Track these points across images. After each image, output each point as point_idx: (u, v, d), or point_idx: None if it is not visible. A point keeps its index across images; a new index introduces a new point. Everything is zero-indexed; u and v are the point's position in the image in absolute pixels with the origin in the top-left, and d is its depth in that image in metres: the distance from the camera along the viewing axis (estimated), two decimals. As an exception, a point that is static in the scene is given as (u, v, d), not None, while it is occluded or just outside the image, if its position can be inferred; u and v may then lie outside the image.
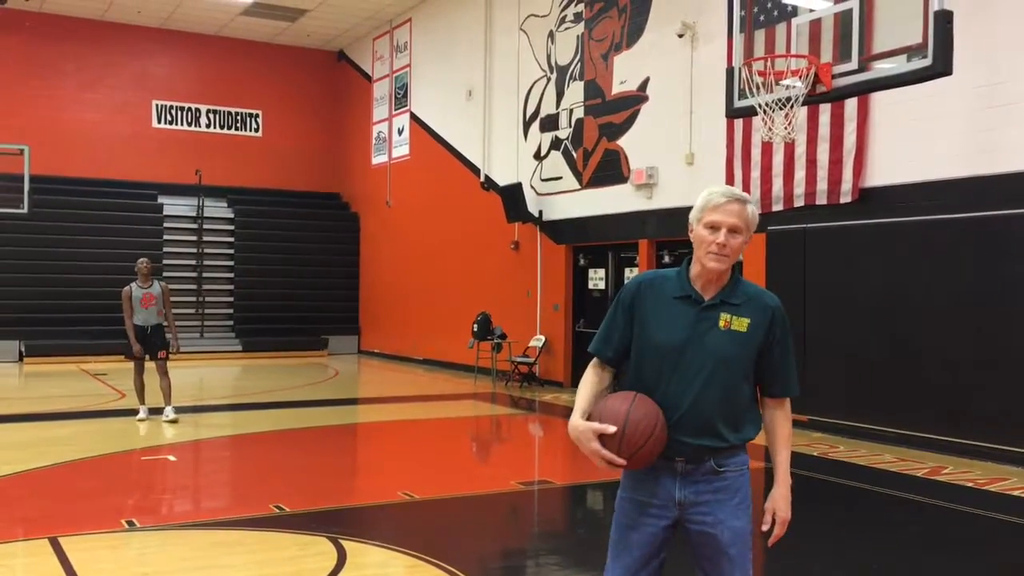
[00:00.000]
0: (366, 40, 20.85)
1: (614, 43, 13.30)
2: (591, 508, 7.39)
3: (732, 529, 2.75)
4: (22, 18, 18.65)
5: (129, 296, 10.12)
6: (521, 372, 14.51)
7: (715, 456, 2.77)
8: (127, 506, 6.64)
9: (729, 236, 2.71)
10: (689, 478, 2.77)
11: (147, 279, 10.29)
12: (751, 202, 2.78)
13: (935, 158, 9.00)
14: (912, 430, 9.02)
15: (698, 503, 2.77)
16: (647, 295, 2.83)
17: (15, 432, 10.00)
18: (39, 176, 17.01)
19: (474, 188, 16.44)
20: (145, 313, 10.14)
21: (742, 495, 2.80)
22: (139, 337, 10.14)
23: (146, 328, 10.17)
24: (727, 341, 2.73)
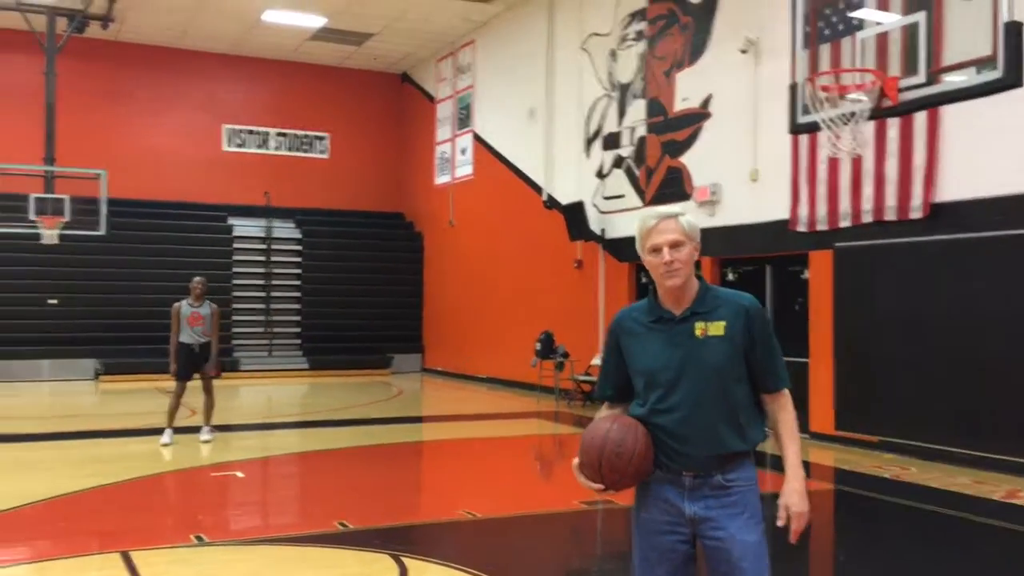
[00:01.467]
0: (430, 62, 21.12)
1: (676, 60, 13.26)
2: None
3: (744, 543, 2.77)
4: (100, 46, 19.33)
5: (178, 313, 10.05)
6: (584, 391, 14.46)
7: (722, 469, 2.80)
8: (196, 521, 6.77)
9: (673, 252, 2.84)
10: (697, 493, 2.81)
11: (199, 299, 10.23)
12: (683, 214, 2.92)
13: (1008, 172, 8.75)
14: (987, 451, 8.74)
15: (708, 518, 2.80)
16: (625, 328, 2.97)
17: (91, 448, 10.29)
18: (115, 199, 17.55)
19: (536, 207, 16.49)
20: (192, 332, 10.07)
21: (752, 510, 2.82)
22: (186, 355, 10.03)
23: (193, 347, 10.07)
24: (708, 348, 2.81)
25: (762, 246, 11.72)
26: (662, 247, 2.84)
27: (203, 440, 10.17)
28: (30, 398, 15.64)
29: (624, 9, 14.37)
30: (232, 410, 14.38)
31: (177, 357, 10.00)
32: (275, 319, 20.60)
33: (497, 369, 17.80)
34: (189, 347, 10.05)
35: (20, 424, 12.62)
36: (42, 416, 13.67)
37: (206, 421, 10.36)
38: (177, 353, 10.00)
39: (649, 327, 2.90)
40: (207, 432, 10.30)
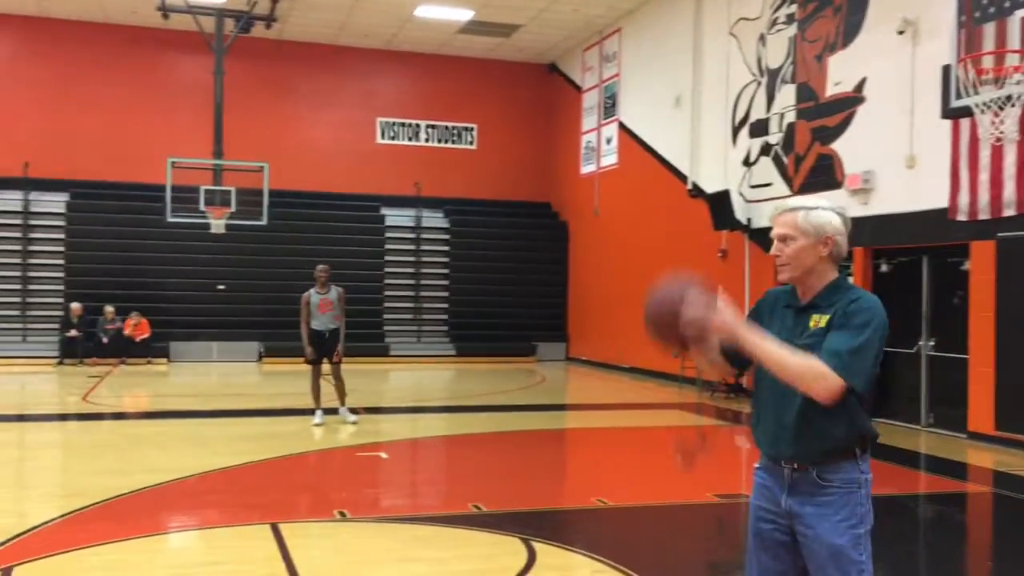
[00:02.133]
0: (576, 51, 21.15)
1: (828, 43, 12.79)
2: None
3: (831, 547, 2.72)
4: (264, 45, 20.37)
5: (307, 302, 10.49)
6: (727, 383, 14.21)
7: (818, 466, 2.76)
8: (340, 498, 7.12)
9: (780, 246, 2.85)
10: (796, 488, 2.80)
11: (324, 285, 10.63)
12: (805, 207, 2.84)
13: None
14: None
15: (802, 514, 2.78)
16: (766, 303, 3.04)
17: (249, 426, 10.96)
18: (276, 191, 18.49)
19: (681, 196, 16.28)
20: (322, 318, 10.47)
21: (847, 513, 2.74)
22: (316, 341, 10.46)
23: (324, 332, 10.48)
24: (810, 340, 2.76)
25: (919, 236, 11.18)
26: (774, 240, 2.87)
27: (350, 422, 10.61)
28: (200, 378, 16.74)
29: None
30: (381, 393, 14.95)
31: (310, 343, 10.42)
32: (424, 306, 21.20)
33: (641, 359, 17.71)
34: (320, 333, 10.50)
35: (190, 402, 13.56)
36: (209, 394, 14.61)
37: (341, 403, 10.74)
38: (309, 339, 10.42)
39: (782, 310, 2.94)
40: (350, 415, 10.71)
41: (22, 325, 18.75)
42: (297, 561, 5.29)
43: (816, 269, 2.83)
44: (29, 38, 19.79)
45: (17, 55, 19.85)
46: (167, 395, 14.68)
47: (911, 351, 11.38)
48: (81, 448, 9.70)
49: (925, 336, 11.25)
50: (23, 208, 19.17)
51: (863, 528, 2.76)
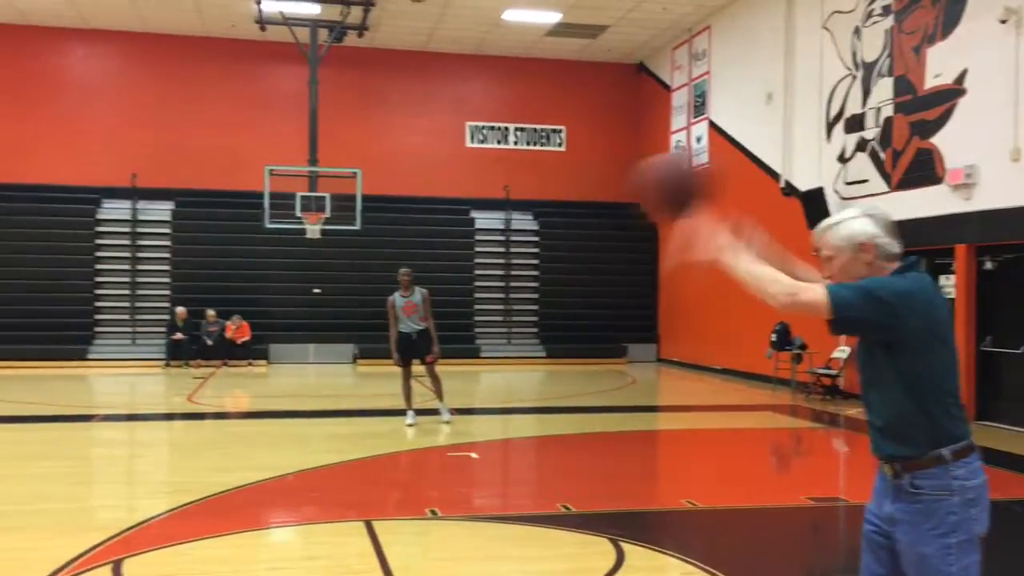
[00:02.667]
0: (665, 50, 20.99)
1: (927, 35, 12.40)
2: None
3: (919, 555, 2.68)
4: (356, 53, 20.82)
5: (392, 305, 10.65)
6: (823, 384, 13.90)
7: (910, 472, 2.72)
8: (432, 497, 7.25)
9: (828, 265, 2.92)
10: (896, 493, 2.78)
11: (408, 288, 10.74)
12: (831, 223, 2.91)
13: None
14: None
15: (898, 520, 2.76)
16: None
17: (344, 425, 11.24)
18: (368, 196, 18.88)
19: (774, 194, 16.00)
20: (408, 320, 10.62)
21: (935, 522, 2.66)
22: (405, 343, 10.61)
23: (411, 334, 10.61)
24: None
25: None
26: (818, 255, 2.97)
27: (445, 421, 10.76)
28: (297, 379, 17.22)
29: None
30: (472, 395, 15.12)
31: (397, 346, 10.62)
32: (514, 308, 21.33)
33: (733, 360, 17.47)
34: (407, 335, 10.65)
35: (288, 402, 13.96)
36: (306, 395, 15.02)
37: (441, 400, 10.91)
38: (397, 343, 10.62)
39: None
40: (446, 413, 10.88)
41: (131, 329, 19.61)
42: (390, 558, 5.42)
43: (869, 274, 2.84)
44: (133, 53, 20.69)
45: (123, 70, 20.78)
46: (267, 395, 15.15)
47: (1019, 352, 10.94)
48: (186, 446, 10.10)
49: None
50: (131, 217, 20.05)
51: (955, 538, 2.67)
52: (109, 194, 20.31)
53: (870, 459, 2.95)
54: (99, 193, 20.29)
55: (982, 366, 11.52)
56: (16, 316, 18.79)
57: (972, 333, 11.57)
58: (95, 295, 19.74)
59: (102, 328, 19.56)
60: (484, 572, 5.34)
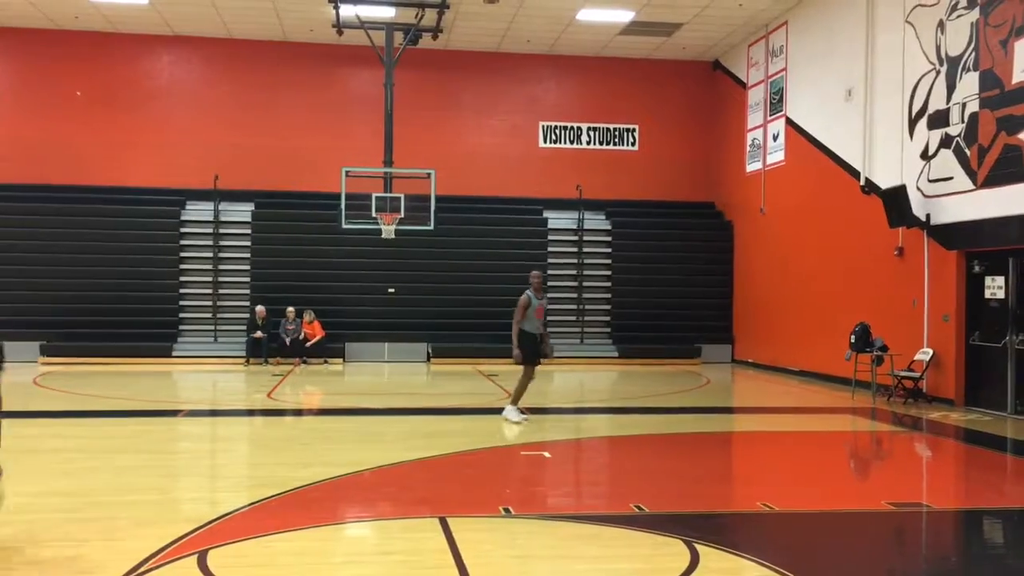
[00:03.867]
0: (741, 47, 20.71)
1: (1015, 27, 12.00)
2: (971, 536, 6.79)
3: None
4: (430, 55, 21.04)
5: (527, 305, 10.82)
6: (905, 387, 13.56)
7: None
8: (505, 495, 7.30)
9: None
10: None
11: (539, 291, 10.97)
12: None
13: None
14: None
15: None
16: None
17: (419, 424, 11.37)
18: (442, 196, 19.06)
19: (853, 192, 15.66)
20: (537, 322, 10.86)
21: None
22: (532, 343, 10.82)
23: (536, 335, 10.88)
24: None
25: (1120, 230, 10.33)
26: None
27: (515, 421, 10.82)
28: (373, 377, 17.48)
29: (953, -25, 13.23)
30: (546, 394, 15.14)
31: (522, 345, 10.74)
32: (586, 308, 21.30)
33: (810, 362, 17.15)
34: (534, 336, 10.84)
35: (363, 400, 14.19)
36: (381, 393, 15.24)
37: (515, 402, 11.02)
38: (521, 341, 10.75)
39: None
40: (518, 414, 10.94)
41: (213, 327, 20.15)
42: (464, 554, 5.48)
43: None
44: (216, 59, 21.28)
45: (206, 75, 21.38)
46: (343, 393, 15.42)
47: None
48: (266, 441, 10.36)
49: None
50: (214, 218, 20.61)
51: None
52: (193, 196, 20.92)
53: (953, 464, 2.88)
54: (183, 195, 20.92)
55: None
56: (106, 314, 19.49)
57: (1063, 335, 11.15)
58: (180, 294, 20.35)
59: (186, 326, 20.16)
60: (558, 570, 5.36)
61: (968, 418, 12.05)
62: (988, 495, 8.05)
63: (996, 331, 12.49)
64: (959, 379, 13.04)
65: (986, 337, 12.68)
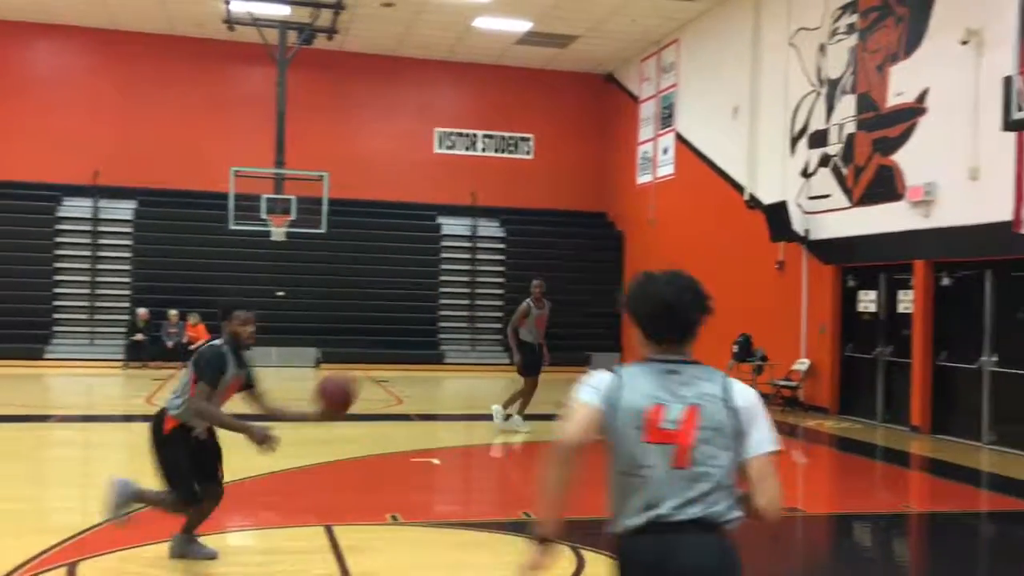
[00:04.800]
0: (634, 62, 21.15)
1: (890, 53, 12.63)
2: (842, 540, 7.08)
3: None
4: (325, 56, 20.73)
5: (526, 314, 10.68)
6: (783, 396, 14.06)
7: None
8: (393, 502, 7.22)
9: None
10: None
11: (540, 300, 10.81)
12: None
13: None
14: None
15: None
16: None
17: (305, 431, 11.09)
18: (335, 199, 18.76)
19: (738, 207, 16.17)
20: (537, 332, 10.71)
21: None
22: (531, 352, 10.66)
23: (535, 345, 10.72)
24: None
25: (982, 249, 10.97)
26: None
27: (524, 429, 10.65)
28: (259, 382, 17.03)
29: (835, 2, 13.83)
30: (435, 401, 15.11)
31: (525, 356, 10.62)
32: (479, 314, 21.33)
33: (695, 371, 17.57)
34: (532, 346, 10.71)
35: (248, 406, 13.79)
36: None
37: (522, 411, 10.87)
38: (520, 348, 10.62)
39: None
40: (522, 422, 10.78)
41: (89, 328, 19.31)
42: (350, 562, 5.40)
43: None
44: (98, 49, 20.45)
45: (87, 66, 20.52)
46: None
47: (973, 367, 11.15)
48: (145, 449, 9.94)
49: (988, 352, 11.01)
50: (93, 215, 19.76)
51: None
52: (70, 192, 20.01)
53: (827, 470, 2.99)
54: (60, 190, 19.99)
55: (938, 381, 11.72)
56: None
57: (929, 348, 11.78)
58: (53, 294, 19.42)
59: (60, 328, 19.24)
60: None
61: (841, 426, 12.57)
62: (858, 500, 8.41)
63: (868, 343, 13.09)
64: (834, 388, 13.60)
65: (859, 348, 13.26)
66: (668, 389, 2.61)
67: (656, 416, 2.57)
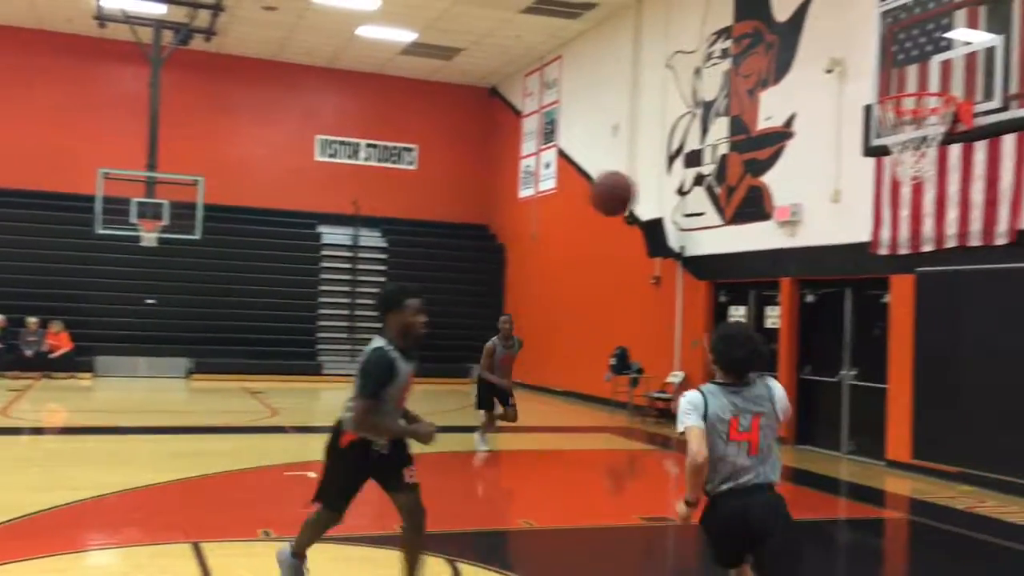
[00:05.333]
0: (517, 77, 21.38)
1: (761, 79, 13.17)
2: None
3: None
4: (202, 58, 20.16)
5: (492, 353, 10.38)
6: (657, 408, 14.42)
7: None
8: (266, 517, 7.04)
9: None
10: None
11: (509, 338, 10.56)
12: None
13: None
14: (1070, 489, 8.44)
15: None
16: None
17: (174, 443, 10.76)
18: (211, 205, 18.25)
19: (617, 223, 16.41)
20: (502, 371, 10.47)
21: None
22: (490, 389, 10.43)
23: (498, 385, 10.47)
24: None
25: (843, 268, 11.54)
26: None
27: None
28: (126, 393, 16.38)
29: (710, 27, 14.34)
30: (313, 413, 14.82)
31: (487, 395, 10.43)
32: (359, 325, 21.06)
33: (574, 383, 17.86)
34: (491, 385, 10.45)
35: (115, 418, 13.25)
36: (135, 411, 14.30)
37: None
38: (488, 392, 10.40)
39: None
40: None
41: (-60, 336, 18.14)
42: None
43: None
44: (-42, 41, 19.31)
45: (-55, 58, 19.34)
46: (91, 410, 14.34)
47: (833, 380, 11.70)
48: (7, 460, 9.42)
49: (847, 366, 11.57)
50: (-55, 215, 18.62)
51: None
52: (-79, 190, 18.81)
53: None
54: (-91, 188, 18.76)
55: (802, 393, 12.24)
56: None
57: (793, 362, 12.29)
58: (-101, 298, 18.16)
59: (-94, 334, 18.00)
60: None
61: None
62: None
63: (738, 356, 13.53)
64: (705, 400, 14.00)
65: (729, 362, 13.70)
66: (738, 405, 3.93)
67: (735, 423, 3.89)
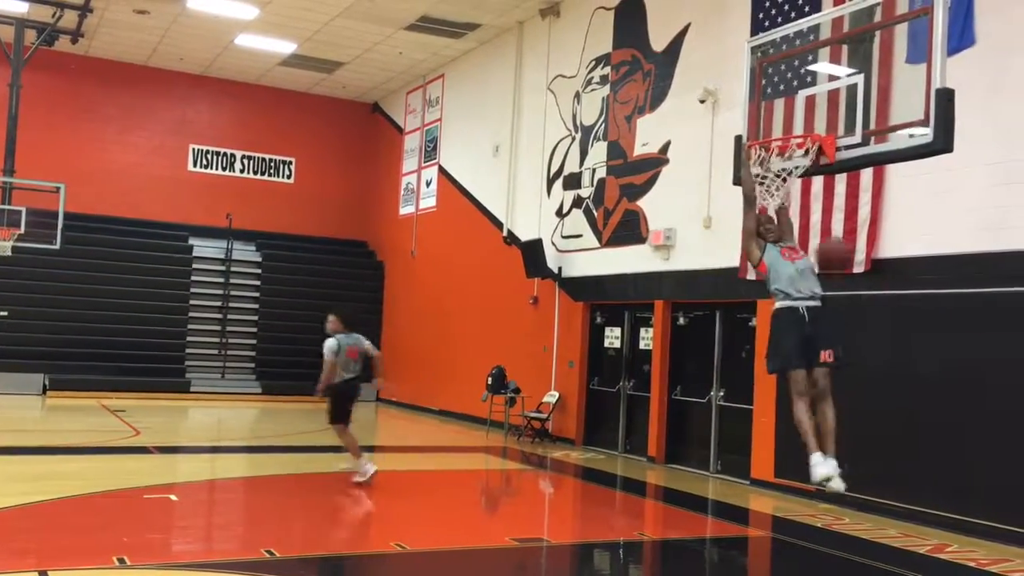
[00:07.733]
0: (399, 93, 21.27)
1: (638, 106, 13.49)
2: (584, 568, 7.34)
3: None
4: (68, 60, 19.27)
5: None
6: (534, 428, 14.49)
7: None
8: (121, 543, 6.69)
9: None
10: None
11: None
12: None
13: (948, 232, 8.99)
14: (918, 505, 8.89)
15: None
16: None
17: (25, 465, 10.14)
18: (73, 213, 17.42)
19: (497, 242, 16.59)
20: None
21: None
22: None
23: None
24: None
25: (713, 292, 11.88)
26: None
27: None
28: (-28, 411, 15.35)
29: (590, 53, 14.62)
30: (178, 432, 14.26)
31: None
32: (230, 341, 20.44)
33: (451, 402, 17.78)
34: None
35: (-42, 437, 12.39)
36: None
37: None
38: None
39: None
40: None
41: None
42: (66, 612, 4.92)
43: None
44: None
45: None
46: (-68, 430, 13.37)
47: (703, 401, 12.01)
48: None
49: (716, 387, 11.91)
50: None
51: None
52: None
53: (571, 500, 3.06)
54: None
55: (673, 414, 12.53)
56: None
57: (665, 382, 12.58)
58: None
59: None
60: (175, 625, 4.99)
61: (585, 456, 13.11)
62: (599, 529, 8.78)
63: (613, 377, 13.79)
64: (580, 420, 14.18)
65: (604, 382, 13.93)
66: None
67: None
